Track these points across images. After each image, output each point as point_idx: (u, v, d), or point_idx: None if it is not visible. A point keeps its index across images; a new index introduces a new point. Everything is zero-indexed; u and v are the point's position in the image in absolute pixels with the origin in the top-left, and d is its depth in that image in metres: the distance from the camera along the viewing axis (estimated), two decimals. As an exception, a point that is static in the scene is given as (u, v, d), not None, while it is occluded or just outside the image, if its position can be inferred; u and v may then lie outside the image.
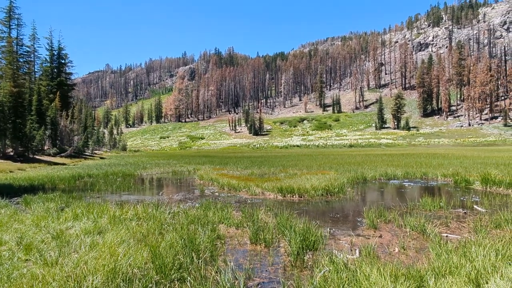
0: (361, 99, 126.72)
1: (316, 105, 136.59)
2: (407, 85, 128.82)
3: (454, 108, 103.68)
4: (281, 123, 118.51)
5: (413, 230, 5.99)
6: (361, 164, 20.12)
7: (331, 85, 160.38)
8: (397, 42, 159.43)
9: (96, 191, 12.16)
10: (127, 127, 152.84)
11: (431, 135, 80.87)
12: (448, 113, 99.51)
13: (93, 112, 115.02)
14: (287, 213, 6.69)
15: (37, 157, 31.08)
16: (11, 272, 3.89)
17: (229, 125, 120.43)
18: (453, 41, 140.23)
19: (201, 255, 4.37)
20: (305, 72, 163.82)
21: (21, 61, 38.50)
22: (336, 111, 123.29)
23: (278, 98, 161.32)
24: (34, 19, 68.89)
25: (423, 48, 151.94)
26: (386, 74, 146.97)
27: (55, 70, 48.63)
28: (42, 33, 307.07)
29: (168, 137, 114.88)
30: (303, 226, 5.52)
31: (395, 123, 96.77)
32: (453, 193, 10.68)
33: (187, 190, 12.74)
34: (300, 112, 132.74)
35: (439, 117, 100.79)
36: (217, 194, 11.45)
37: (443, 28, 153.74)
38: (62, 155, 35.16)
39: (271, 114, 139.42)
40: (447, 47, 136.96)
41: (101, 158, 41.46)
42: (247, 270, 4.21)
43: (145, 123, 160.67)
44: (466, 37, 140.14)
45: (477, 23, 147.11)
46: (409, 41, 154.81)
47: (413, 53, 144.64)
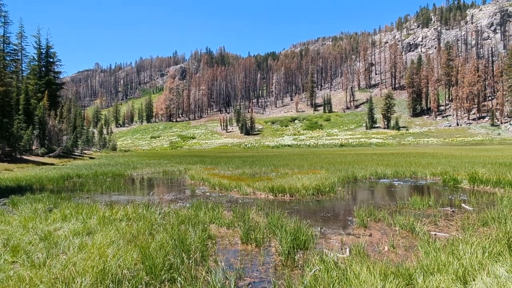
0: (351, 99, 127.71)
1: (307, 105, 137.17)
2: (397, 85, 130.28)
3: (442, 108, 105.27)
4: (273, 123, 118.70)
5: (402, 228, 6.07)
6: (352, 163, 20.29)
7: (322, 85, 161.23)
8: (387, 42, 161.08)
9: (85, 192, 12.00)
10: (117, 127, 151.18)
11: (420, 134, 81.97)
12: (437, 113, 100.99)
13: (83, 111, 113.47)
14: (278, 213, 6.70)
15: (25, 157, 30.53)
16: (-3, 274, 3.81)
17: (221, 124, 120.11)
18: (442, 42, 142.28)
19: (191, 256, 4.35)
20: (296, 72, 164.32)
21: (8, 59, 37.76)
22: (327, 111, 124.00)
23: (269, 97, 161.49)
24: (21, 17, 67.66)
25: (413, 48, 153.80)
26: (376, 74, 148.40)
27: (43, 68, 47.80)
28: (29, 31, 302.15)
29: (159, 137, 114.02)
30: (294, 225, 5.55)
31: (385, 123, 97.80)
32: (441, 192, 10.85)
33: (178, 190, 12.66)
34: (291, 112, 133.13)
35: (428, 117, 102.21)
36: (208, 194, 11.41)
37: (432, 29, 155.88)
38: (50, 155, 34.59)
39: (263, 113, 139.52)
40: (436, 48, 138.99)
41: (91, 158, 40.93)
42: (238, 270, 4.21)
43: (136, 122, 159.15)
44: (454, 38, 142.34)
45: (465, 24, 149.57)
46: (398, 41, 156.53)
47: (403, 53, 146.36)
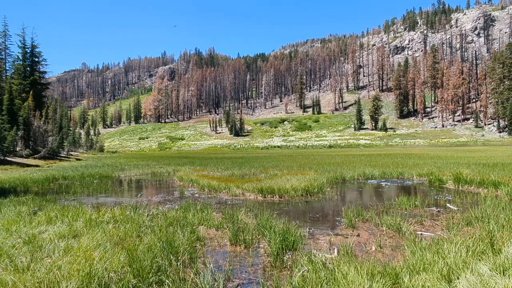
0: (340, 101, 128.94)
1: (296, 106, 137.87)
2: (384, 87, 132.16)
3: (429, 109, 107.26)
4: (262, 124, 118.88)
5: (389, 228, 6.15)
6: (340, 164, 20.47)
7: (311, 86, 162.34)
8: (375, 45, 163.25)
9: (71, 194, 11.78)
10: (105, 128, 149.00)
11: (407, 136, 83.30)
12: (423, 115, 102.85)
13: (69, 112, 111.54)
14: (267, 214, 6.71)
15: (9, 159, 29.80)
16: (-22, 279, 3.71)
17: (210, 125, 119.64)
18: (428, 45, 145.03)
19: (180, 258, 4.32)
20: (286, 73, 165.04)
21: (-9, 58, 36.80)
22: (316, 112, 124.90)
23: (259, 99, 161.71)
24: (5, 15, 65.96)
25: (400, 51, 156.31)
26: (364, 76, 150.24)
27: (28, 68, 46.80)
28: (14, 30, 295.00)
29: (147, 138, 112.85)
30: (283, 226, 5.57)
31: (373, 124, 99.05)
32: (427, 192, 11.04)
33: (167, 191, 12.55)
34: (280, 113, 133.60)
35: (414, 119, 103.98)
36: (197, 195, 11.34)
37: (419, 32, 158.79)
38: (35, 156, 33.85)
39: (252, 115, 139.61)
40: (422, 51, 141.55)
41: (77, 159, 40.22)
42: (226, 271, 4.20)
43: (124, 123, 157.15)
44: (440, 41, 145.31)
45: (450, 28, 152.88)
46: (386, 44, 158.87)
47: (390, 56, 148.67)
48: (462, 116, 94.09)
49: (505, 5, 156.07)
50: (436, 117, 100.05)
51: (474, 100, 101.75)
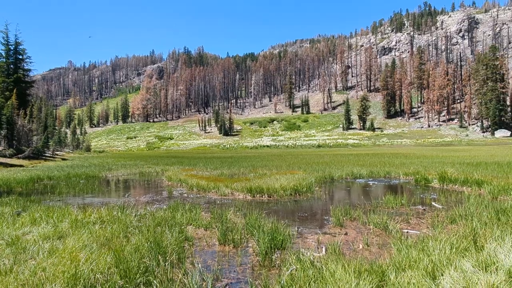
0: (329, 101, 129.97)
1: (285, 106, 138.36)
2: (372, 88, 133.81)
3: (415, 110, 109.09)
4: (251, 124, 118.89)
5: (376, 227, 6.23)
6: (329, 164, 20.64)
7: (300, 86, 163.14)
8: (363, 46, 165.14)
9: (57, 194, 11.55)
10: (92, 127, 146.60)
11: (394, 135, 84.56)
12: (409, 115, 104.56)
13: (54, 111, 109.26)
14: (256, 213, 6.72)
15: (-9, 159, 29.00)
16: (-42, 282, 3.61)
17: (199, 125, 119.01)
18: (414, 46, 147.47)
19: (168, 258, 4.28)
20: (275, 73, 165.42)
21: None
22: (305, 112, 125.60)
23: (248, 98, 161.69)
24: (-13, 11, 64.08)
25: (387, 52, 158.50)
26: (352, 76, 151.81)
27: (12, 66, 45.55)
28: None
29: (135, 138, 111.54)
30: (272, 225, 5.58)
31: (361, 124, 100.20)
32: (413, 191, 11.24)
33: (155, 191, 12.44)
34: (270, 112, 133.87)
35: (401, 119, 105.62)
36: (185, 195, 11.28)
37: (405, 33, 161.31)
38: (19, 156, 33.06)
39: (241, 114, 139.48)
40: (409, 52, 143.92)
41: (63, 159, 39.46)
42: (215, 271, 4.19)
43: (111, 122, 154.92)
44: (426, 43, 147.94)
45: (436, 30, 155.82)
46: (374, 45, 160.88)
47: (378, 57, 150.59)
48: (447, 116, 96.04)
49: (489, 8, 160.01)
50: (422, 117, 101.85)
51: (458, 100, 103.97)
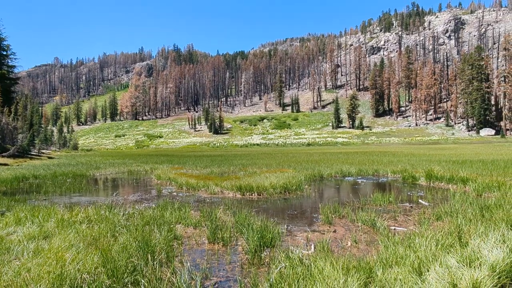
0: (318, 99, 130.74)
1: (275, 104, 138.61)
2: (361, 87, 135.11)
3: (403, 109, 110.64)
4: (241, 122, 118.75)
5: (364, 224, 6.31)
6: (318, 162, 20.77)
7: (290, 85, 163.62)
8: (352, 45, 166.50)
9: (42, 193, 11.33)
10: (79, 125, 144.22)
11: (382, 134, 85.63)
12: (398, 114, 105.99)
13: (40, 108, 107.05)
14: (245, 212, 6.72)
15: (-26, 157, 28.27)
16: None
17: (189, 123, 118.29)
18: (403, 46, 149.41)
19: (156, 257, 4.25)
20: (265, 71, 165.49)
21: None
22: (295, 111, 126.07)
23: (238, 97, 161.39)
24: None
25: (376, 51, 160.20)
26: (342, 75, 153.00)
27: (-5, 62, 44.53)
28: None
29: (124, 136, 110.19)
30: (261, 223, 5.59)
31: (350, 123, 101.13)
32: (401, 189, 11.40)
33: (144, 190, 12.32)
34: (260, 111, 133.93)
35: (390, 117, 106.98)
36: (175, 193, 11.20)
37: (394, 33, 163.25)
38: (3, 155, 32.30)
39: (231, 112, 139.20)
40: (397, 52, 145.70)
41: (49, 158, 38.73)
42: (204, 269, 4.18)
43: (99, 120, 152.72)
44: (414, 43, 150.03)
45: (423, 30, 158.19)
46: (363, 44, 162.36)
47: (367, 56, 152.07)
48: (434, 115, 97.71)
49: (474, 10, 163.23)
50: (410, 116, 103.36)
51: (445, 100, 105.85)
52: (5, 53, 45.56)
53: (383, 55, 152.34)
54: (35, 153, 42.25)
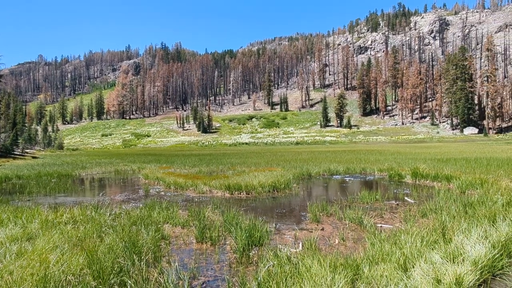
0: (307, 98, 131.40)
1: (264, 103, 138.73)
2: (349, 86, 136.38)
3: (390, 108, 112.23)
4: (230, 121, 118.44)
5: (352, 222, 6.38)
6: (307, 160, 20.89)
7: (279, 84, 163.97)
8: (340, 44, 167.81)
9: (26, 194, 11.08)
10: (64, 124, 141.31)
11: (370, 133, 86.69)
12: (384, 113, 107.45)
13: (24, 107, 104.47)
14: (234, 211, 6.71)
15: (-46, 157, 27.42)
16: None
17: (177, 122, 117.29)
18: (389, 46, 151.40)
19: (143, 257, 4.21)
20: (254, 70, 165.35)
21: None
22: (283, 110, 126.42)
23: (227, 95, 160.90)
24: None
25: (363, 51, 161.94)
26: (330, 74, 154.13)
27: (-24, 59, 43.25)
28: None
29: (111, 135, 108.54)
30: (249, 222, 5.59)
31: (338, 122, 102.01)
32: (388, 186, 11.57)
33: (131, 190, 12.18)
34: (249, 110, 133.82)
35: (377, 116, 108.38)
36: (163, 193, 11.11)
37: (381, 33, 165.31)
38: (-15, 154, 31.43)
39: (220, 111, 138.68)
40: (384, 51, 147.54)
41: (34, 157, 37.87)
42: (192, 269, 4.15)
43: (85, 119, 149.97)
44: (400, 43, 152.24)
45: (409, 30, 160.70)
46: (350, 44, 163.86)
47: (354, 55, 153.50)
48: (420, 114, 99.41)
49: (458, 11, 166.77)
50: (396, 115, 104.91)
51: (430, 99, 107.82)
52: (-14, 50, 44.29)
53: (370, 54, 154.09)
54: (18, 153, 41.27)
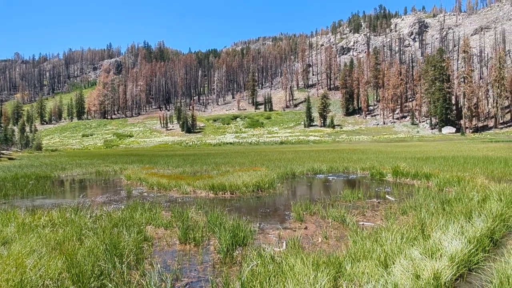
0: (291, 98, 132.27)
1: (249, 103, 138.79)
2: (332, 86, 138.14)
3: (372, 108, 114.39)
4: (214, 121, 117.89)
5: (334, 220, 6.46)
6: (291, 160, 21.03)
7: (263, 83, 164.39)
8: (323, 45, 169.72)
9: (1, 197, 10.68)
10: (43, 124, 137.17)
11: (352, 132, 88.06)
12: (366, 113, 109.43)
13: (0, 107, 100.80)
14: (218, 211, 6.68)
15: None
16: None
17: (160, 122, 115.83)
18: (371, 47, 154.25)
19: (125, 260, 4.13)
20: (238, 70, 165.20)
21: None
22: (268, 109, 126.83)
23: (211, 95, 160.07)
24: None
25: (346, 52, 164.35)
26: (313, 75, 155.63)
27: None
28: None
29: (92, 135, 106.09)
30: (233, 222, 5.58)
31: (322, 121, 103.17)
32: (369, 185, 11.79)
33: (113, 191, 11.94)
34: (233, 109, 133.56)
35: (359, 116, 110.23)
36: (145, 194, 10.94)
37: (362, 34, 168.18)
38: (-43, 156, 30.14)
39: (204, 111, 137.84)
40: (365, 52, 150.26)
41: (10, 159, 36.55)
42: (175, 271, 4.11)
43: (65, 119, 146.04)
44: (381, 44, 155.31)
45: (390, 32, 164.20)
46: (333, 44, 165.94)
47: (337, 56, 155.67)
48: (400, 114, 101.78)
49: (436, 13, 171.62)
50: (378, 114, 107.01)
51: (410, 99, 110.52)
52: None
53: (353, 55, 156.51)
54: (-7, 154, 39.71)
